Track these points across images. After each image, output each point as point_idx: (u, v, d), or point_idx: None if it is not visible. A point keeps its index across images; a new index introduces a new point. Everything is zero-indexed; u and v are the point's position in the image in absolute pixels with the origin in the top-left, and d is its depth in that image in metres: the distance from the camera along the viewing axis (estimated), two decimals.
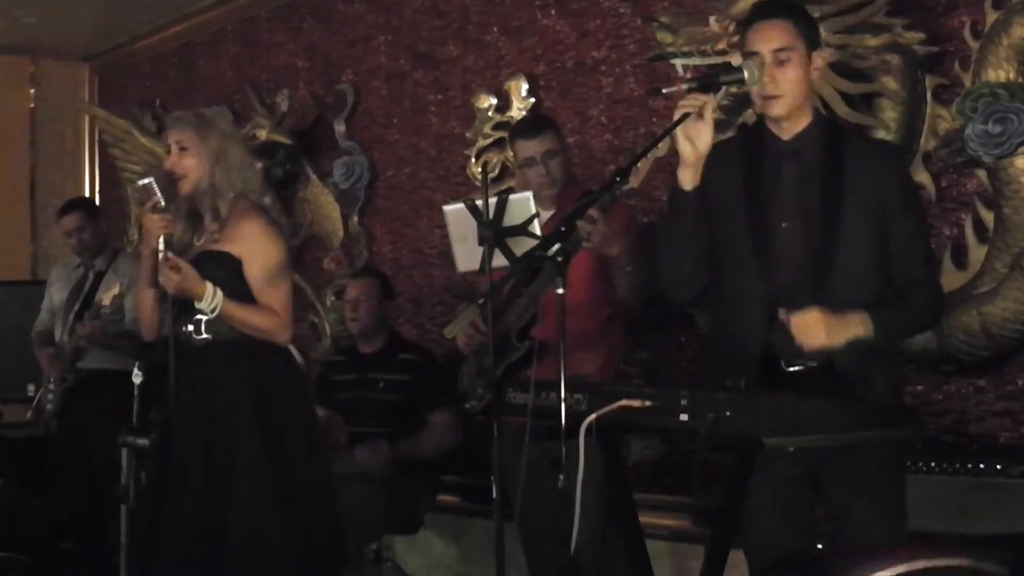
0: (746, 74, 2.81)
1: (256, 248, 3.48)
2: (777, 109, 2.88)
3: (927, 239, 2.99)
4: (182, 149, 3.52)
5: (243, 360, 3.49)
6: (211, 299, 3.41)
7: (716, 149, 2.86)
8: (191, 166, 3.50)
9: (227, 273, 3.47)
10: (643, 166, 3.19)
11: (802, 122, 2.91)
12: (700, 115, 2.76)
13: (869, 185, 2.84)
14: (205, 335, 3.51)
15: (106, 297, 5.11)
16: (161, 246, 3.46)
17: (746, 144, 3.03)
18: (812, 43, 2.90)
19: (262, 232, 3.49)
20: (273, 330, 3.51)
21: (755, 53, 2.85)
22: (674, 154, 3.01)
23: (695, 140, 2.79)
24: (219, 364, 3.50)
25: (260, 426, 3.43)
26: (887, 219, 2.84)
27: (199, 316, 3.49)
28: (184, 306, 3.48)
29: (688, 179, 2.86)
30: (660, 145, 3.13)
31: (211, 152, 3.50)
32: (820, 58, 2.93)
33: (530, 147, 3.91)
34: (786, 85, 2.84)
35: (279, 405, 3.49)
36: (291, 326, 3.55)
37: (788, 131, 2.91)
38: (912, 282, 2.86)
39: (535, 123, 4.08)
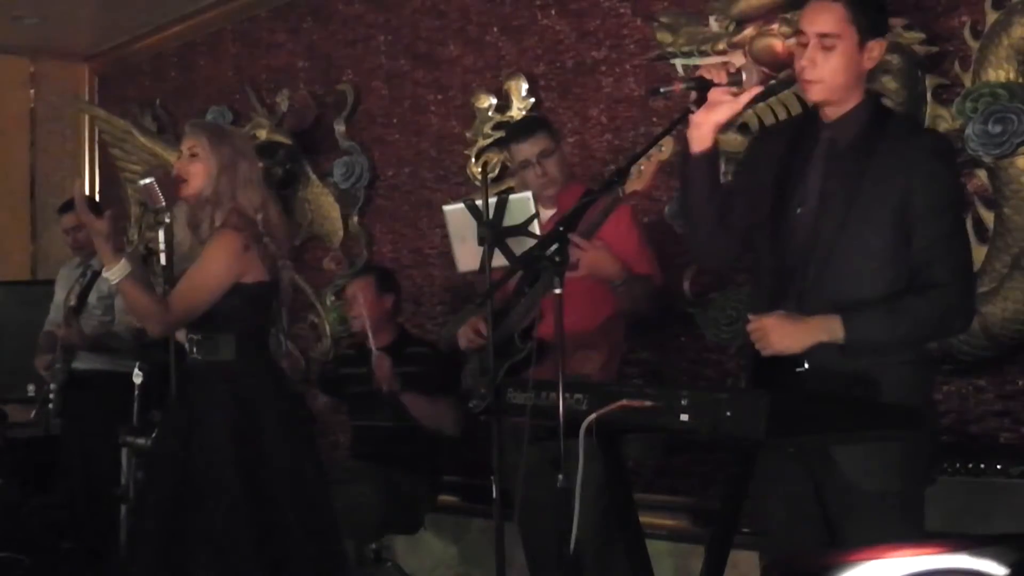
0: (744, 75, 2.76)
1: (205, 258, 3.46)
2: (813, 95, 2.79)
3: (958, 243, 2.79)
4: (192, 155, 3.53)
5: (224, 380, 3.49)
6: (113, 272, 3.39)
7: (768, 131, 2.82)
8: (197, 172, 3.51)
9: None
10: (647, 168, 3.16)
11: (846, 106, 2.80)
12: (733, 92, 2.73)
13: (894, 175, 2.72)
14: (195, 355, 3.53)
15: (71, 296, 5.15)
16: (162, 246, 3.48)
17: (795, 126, 2.98)
18: (869, 30, 2.76)
19: (222, 250, 3.45)
20: (149, 316, 3.45)
21: (802, 32, 2.78)
22: (678, 155, 3.01)
23: (713, 107, 2.76)
24: (204, 378, 3.51)
25: (234, 441, 3.43)
26: (911, 215, 2.72)
27: (192, 335, 3.51)
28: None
29: (696, 141, 2.81)
30: (664, 147, 3.11)
31: (220, 162, 3.50)
32: (877, 47, 2.77)
33: (524, 150, 3.92)
34: (825, 71, 2.75)
35: (262, 418, 3.49)
36: (171, 327, 3.49)
37: (830, 115, 2.82)
38: (920, 281, 2.73)
39: (526, 125, 4.07)
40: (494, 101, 5.05)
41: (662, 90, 2.89)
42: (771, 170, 2.88)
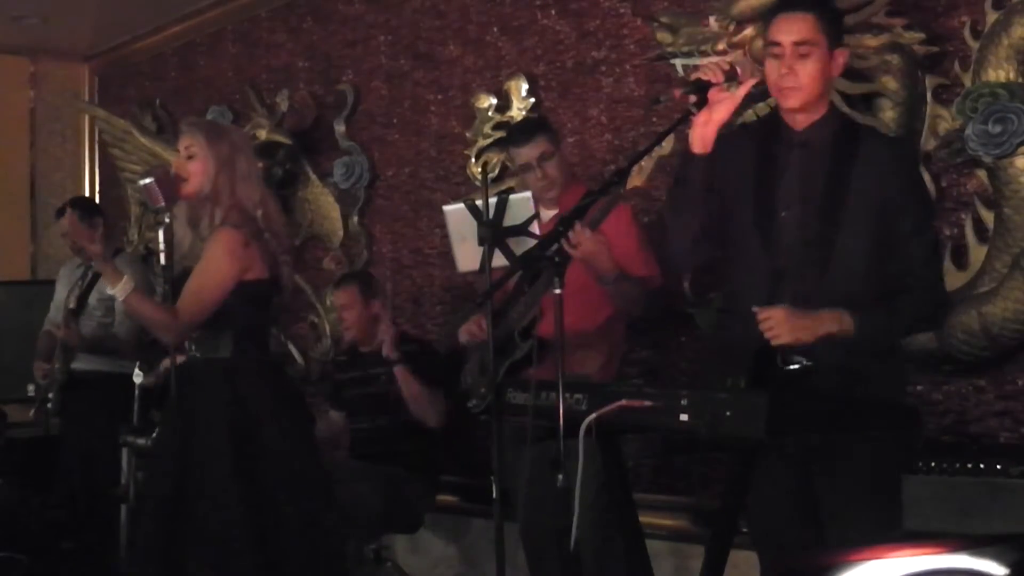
0: (739, 69, 2.84)
1: (206, 259, 3.46)
2: (792, 101, 2.89)
3: (931, 239, 2.97)
4: (190, 155, 3.53)
5: (222, 374, 3.49)
6: (118, 289, 3.42)
7: (732, 134, 2.88)
8: (196, 170, 3.51)
9: None
10: (646, 164, 3.19)
11: (816, 114, 2.93)
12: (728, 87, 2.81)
13: (873, 181, 2.84)
14: (194, 352, 3.53)
15: (70, 298, 5.16)
16: (162, 246, 3.47)
17: (760, 132, 3.05)
18: (835, 40, 2.92)
19: (222, 248, 3.45)
20: (159, 325, 3.48)
21: (776, 43, 2.87)
22: (676, 153, 3.03)
23: (714, 106, 2.82)
24: (201, 374, 3.51)
25: (231, 439, 3.43)
26: (890, 217, 2.85)
27: (191, 332, 3.52)
28: None
29: (698, 141, 2.87)
30: (664, 144, 3.13)
31: (218, 159, 3.50)
32: (842, 56, 2.95)
33: (524, 153, 3.92)
34: (804, 78, 2.86)
35: (260, 416, 3.49)
36: (183, 333, 3.49)
37: (801, 122, 2.93)
38: (908, 282, 2.85)
39: (526, 128, 4.07)
40: (494, 101, 5.05)
41: (662, 99, 2.97)
42: (743, 175, 2.95)
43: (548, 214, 3.86)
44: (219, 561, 3.36)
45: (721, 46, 4.09)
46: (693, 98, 2.84)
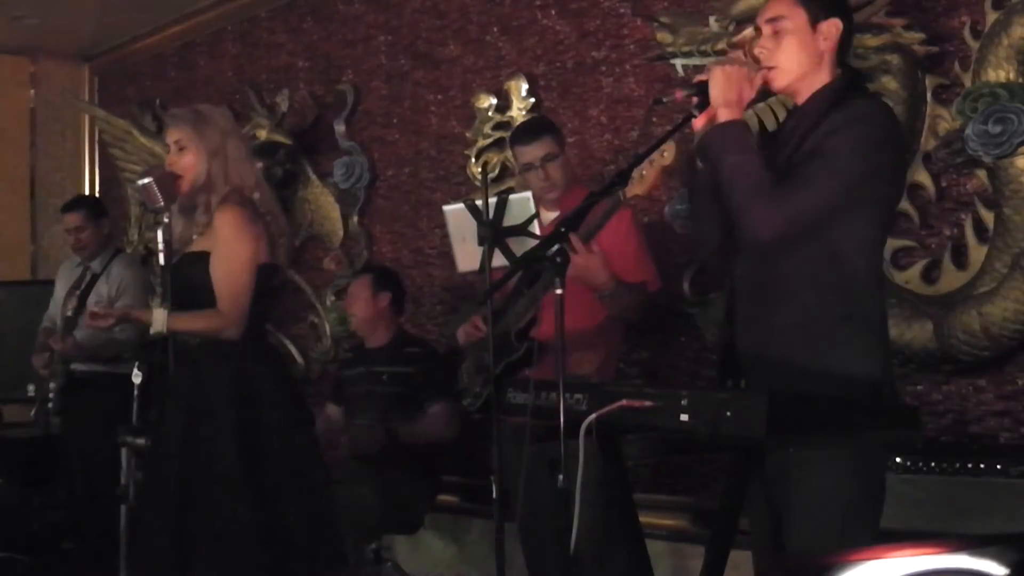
0: None
1: (222, 243, 3.47)
2: (775, 83, 2.78)
3: (820, 179, 2.63)
4: (180, 148, 3.53)
5: (226, 363, 3.49)
6: (157, 324, 3.44)
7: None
8: (190, 164, 3.51)
9: (205, 275, 3.48)
10: (649, 173, 3.11)
11: (814, 87, 2.76)
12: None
13: (825, 142, 2.65)
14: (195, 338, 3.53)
15: (68, 307, 5.16)
16: (161, 246, 3.48)
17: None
18: (820, 11, 2.76)
19: (233, 227, 3.46)
20: (216, 330, 3.49)
21: (757, 28, 2.82)
22: (679, 162, 3.00)
23: (715, 109, 2.76)
24: (204, 365, 3.51)
25: (236, 434, 3.43)
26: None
27: None
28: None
29: (701, 152, 2.82)
30: (666, 153, 3.07)
31: (209, 147, 3.51)
32: (832, 26, 2.74)
33: (528, 152, 3.91)
34: (779, 56, 2.74)
35: (263, 410, 3.48)
36: (239, 322, 3.48)
37: (802, 96, 2.80)
38: (780, 183, 2.65)
39: (532, 128, 4.07)
40: (494, 101, 5.05)
41: (664, 100, 2.90)
42: None
43: (549, 216, 3.86)
44: (224, 559, 3.35)
45: (721, 46, 4.10)
46: (695, 100, 2.81)
